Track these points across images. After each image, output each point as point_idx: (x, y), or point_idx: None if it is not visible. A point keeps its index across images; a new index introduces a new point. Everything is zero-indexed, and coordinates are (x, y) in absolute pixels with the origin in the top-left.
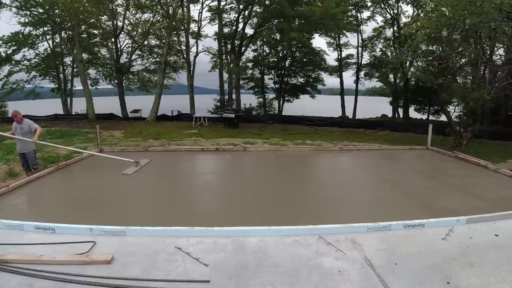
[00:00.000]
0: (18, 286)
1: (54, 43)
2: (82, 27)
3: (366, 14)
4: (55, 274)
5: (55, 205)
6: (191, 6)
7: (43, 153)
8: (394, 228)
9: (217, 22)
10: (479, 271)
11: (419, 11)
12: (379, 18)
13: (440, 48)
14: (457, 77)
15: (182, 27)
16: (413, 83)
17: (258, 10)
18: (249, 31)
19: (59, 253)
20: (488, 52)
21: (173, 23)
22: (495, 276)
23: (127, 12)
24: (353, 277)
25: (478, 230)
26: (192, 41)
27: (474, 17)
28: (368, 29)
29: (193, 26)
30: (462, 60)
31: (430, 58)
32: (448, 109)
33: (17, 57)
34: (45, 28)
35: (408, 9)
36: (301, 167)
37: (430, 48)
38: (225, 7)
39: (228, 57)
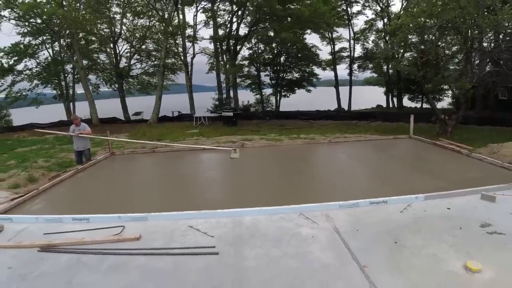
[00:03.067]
0: (68, 261)
1: (54, 51)
2: (80, 34)
3: (356, 8)
4: (97, 250)
5: (83, 201)
6: (186, 10)
7: (57, 159)
8: (361, 205)
9: (212, 25)
10: (425, 235)
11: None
12: (368, 12)
13: (422, 43)
14: (450, 65)
15: (179, 32)
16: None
17: (251, 8)
18: (244, 30)
19: (96, 236)
20: (469, 42)
21: (170, 28)
22: (437, 239)
23: (124, 19)
24: (323, 240)
25: (433, 205)
26: (188, 44)
27: (451, 12)
28: (360, 22)
29: (189, 31)
30: (446, 51)
31: (414, 51)
32: (440, 98)
33: (19, 67)
34: (44, 37)
35: (396, 2)
36: (292, 159)
37: (414, 40)
38: (219, 9)
39: (224, 57)
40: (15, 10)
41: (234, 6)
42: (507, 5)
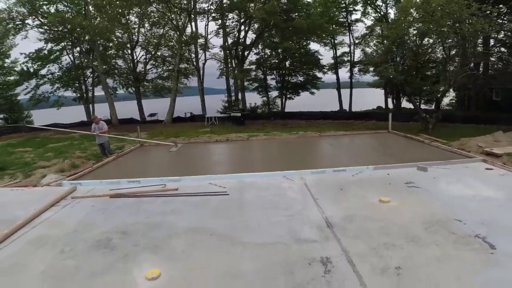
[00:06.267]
0: (133, 201)
1: (75, 56)
2: (100, 41)
3: (354, 16)
4: (151, 195)
5: (130, 173)
6: (198, 19)
7: (92, 151)
8: (327, 172)
9: (222, 35)
10: (363, 187)
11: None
12: (367, 21)
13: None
14: (429, 71)
15: (191, 42)
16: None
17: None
18: (251, 36)
19: (148, 189)
20: (448, 51)
21: (184, 37)
22: (370, 188)
23: (142, 28)
24: (295, 188)
25: (378, 172)
26: (200, 51)
27: (426, 24)
28: (360, 28)
29: (201, 40)
30: (427, 57)
31: (397, 59)
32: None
33: (43, 71)
34: (64, 43)
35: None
36: (286, 146)
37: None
38: (228, 18)
39: (233, 62)
40: (39, 18)
41: (242, 14)
42: (474, 17)
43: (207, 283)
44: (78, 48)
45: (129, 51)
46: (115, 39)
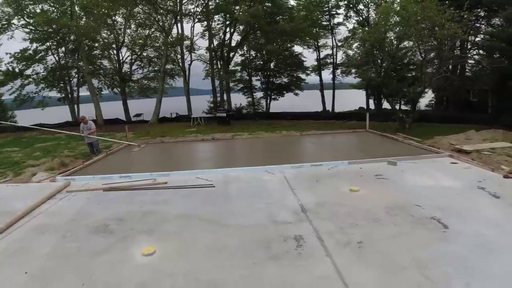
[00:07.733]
0: (127, 194)
1: (60, 56)
2: (86, 41)
3: (337, 20)
4: (143, 188)
5: (119, 169)
6: (184, 21)
7: (79, 150)
8: (305, 166)
9: (207, 37)
10: (337, 179)
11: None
12: (349, 24)
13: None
14: (407, 74)
15: (178, 44)
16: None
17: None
18: (236, 37)
19: (139, 183)
20: (425, 54)
21: (170, 38)
22: (342, 180)
23: (128, 29)
24: (275, 181)
25: (351, 166)
26: (186, 52)
27: (402, 29)
28: (342, 31)
29: (187, 42)
30: (405, 61)
31: (378, 61)
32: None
33: (28, 71)
34: (48, 44)
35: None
36: (268, 144)
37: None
38: (213, 20)
39: (219, 64)
40: (24, 18)
41: (228, 17)
42: (448, 22)
43: (197, 255)
44: (63, 48)
45: (115, 52)
46: (101, 40)
